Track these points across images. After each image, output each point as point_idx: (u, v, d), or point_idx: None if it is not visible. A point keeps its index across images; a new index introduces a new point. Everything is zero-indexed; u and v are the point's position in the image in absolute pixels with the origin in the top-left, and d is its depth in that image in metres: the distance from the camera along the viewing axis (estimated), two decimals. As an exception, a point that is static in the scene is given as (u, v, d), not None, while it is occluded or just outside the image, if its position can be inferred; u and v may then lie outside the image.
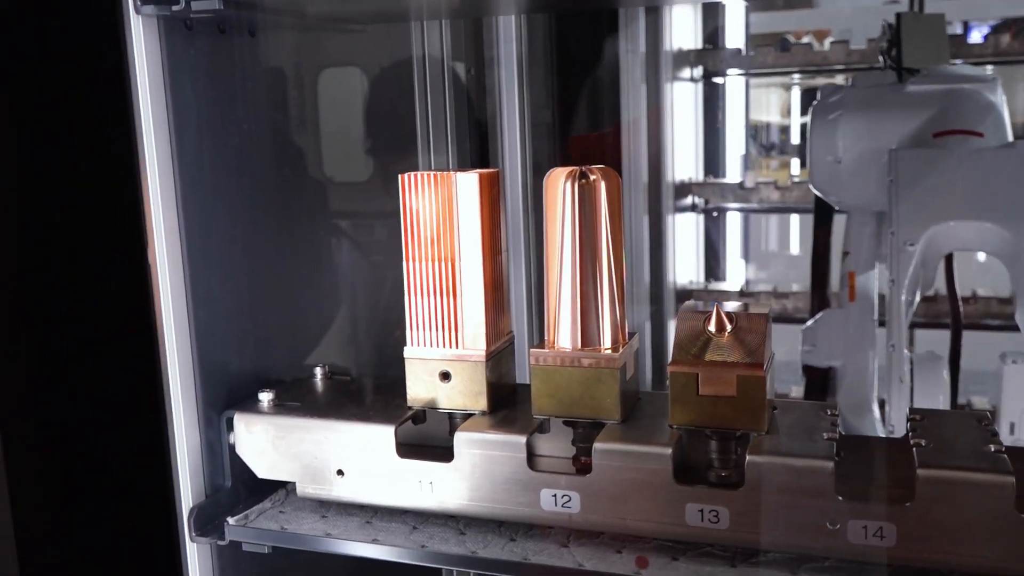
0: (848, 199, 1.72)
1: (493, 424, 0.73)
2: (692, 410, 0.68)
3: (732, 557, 0.67)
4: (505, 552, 0.70)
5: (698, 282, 2.50)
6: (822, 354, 1.79)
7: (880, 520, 0.62)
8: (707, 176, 2.52)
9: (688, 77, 2.42)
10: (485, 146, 1.46)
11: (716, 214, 2.58)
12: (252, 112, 0.84)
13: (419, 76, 1.12)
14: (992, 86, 1.62)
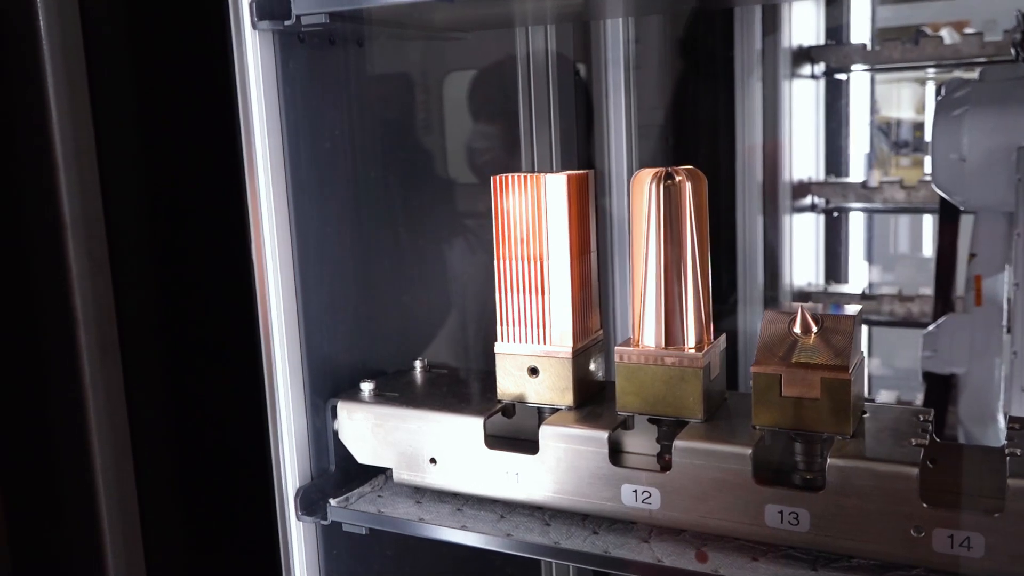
0: (973, 199, 1.65)
1: (578, 419, 0.75)
2: (775, 411, 0.69)
3: (813, 561, 0.67)
4: (587, 544, 0.72)
5: (817, 284, 2.44)
6: (944, 360, 1.72)
7: (968, 530, 0.61)
8: (828, 175, 2.45)
9: (809, 74, 2.36)
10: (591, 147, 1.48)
11: (837, 214, 2.51)
12: (361, 117, 0.89)
13: (523, 79, 1.15)
14: None
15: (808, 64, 2.36)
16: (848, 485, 0.64)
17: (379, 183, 0.92)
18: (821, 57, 2.37)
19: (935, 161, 1.61)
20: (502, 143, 1.18)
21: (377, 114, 0.94)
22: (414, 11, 0.84)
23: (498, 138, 1.18)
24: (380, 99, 0.94)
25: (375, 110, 0.93)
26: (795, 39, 2.25)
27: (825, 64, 2.38)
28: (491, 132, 1.18)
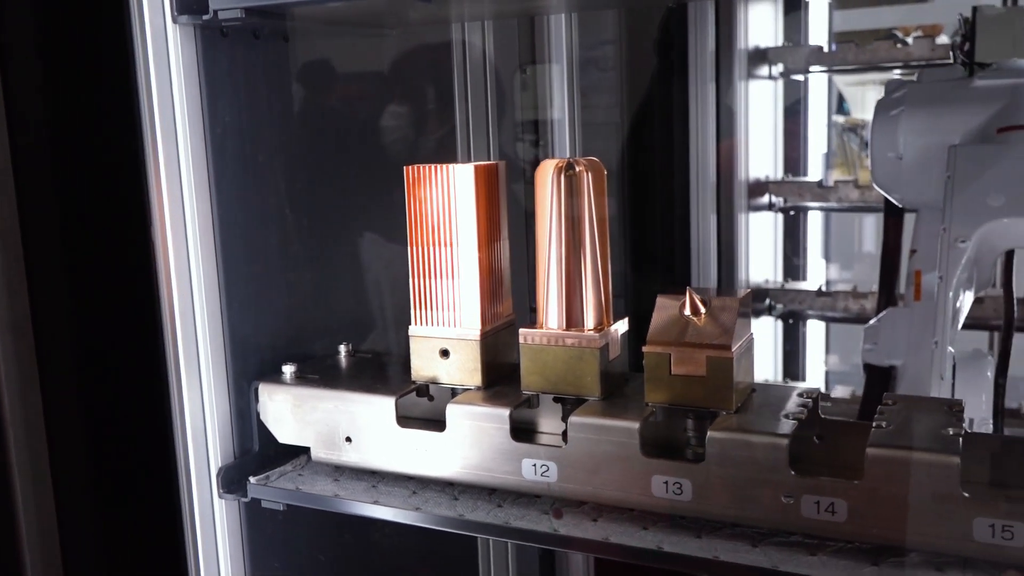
0: (910, 196, 1.70)
1: (484, 398, 0.78)
2: (665, 389, 0.72)
3: (699, 529, 0.71)
4: (490, 516, 0.76)
5: (775, 281, 2.48)
6: (883, 352, 1.77)
7: (832, 496, 0.65)
8: (786, 174, 2.50)
9: (766, 75, 2.41)
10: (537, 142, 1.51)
11: (793, 213, 2.55)
12: (287, 109, 0.92)
13: (459, 74, 1.19)
14: (1064, 79, 1.57)
15: (766, 65, 2.41)
16: (726, 456, 0.68)
17: (306, 172, 0.95)
18: (778, 58, 2.42)
19: (874, 159, 1.66)
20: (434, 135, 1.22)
21: (303, 106, 0.97)
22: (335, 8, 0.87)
23: (430, 130, 1.21)
24: (306, 92, 0.97)
25: (301, 102, 0.96)
26: (752, 40, 2.30)
27: (783, 65, 2.43)
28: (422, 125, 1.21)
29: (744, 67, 2.29)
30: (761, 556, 0.67)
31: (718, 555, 0.68)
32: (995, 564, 0.61)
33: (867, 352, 1.79)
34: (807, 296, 2.48)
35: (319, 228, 0.97)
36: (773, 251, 2.51)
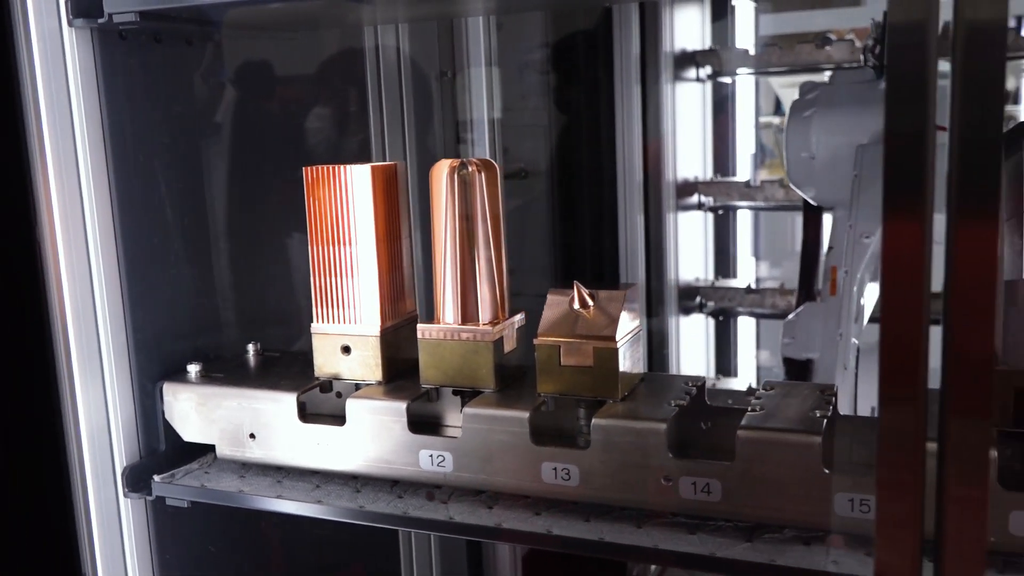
0: (823, 194, 1.76)
1: (384, 392, 0.80)
2: (556, 379, 0.75)
3: (588, 513, 0.74)
4: (390, 507, 0.77)
5: (706, 280, 2.54)
6: (800, 346, 1.82)
7: (707, 477, 0.68)
8: (715, 175, 2.56)
9: (694, 77, 2.46)
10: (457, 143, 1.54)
11: (722, 212, 2.61)
12: (191, 110, 0.93)
13: (372, 76, 1.20)
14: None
15: (694, 68, 2.46)
16: (610, 442, 0.71)
17: (214, 172, 0.96)
18: (706, 61, 2.48)
19: (789, 158, 1.72)
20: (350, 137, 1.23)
21: (206, 108, 0.98)
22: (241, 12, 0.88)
23: (343, 133, 1.23)
24: (210, 94, 0.98)
25: (205, 104, 0.97)
26: (680, 43, 2.35)
27: (710, 68, 2.49)
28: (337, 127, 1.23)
29: (671, 69, 2.34)
30: (644, 536, 0.70)
31: (603, 536, 0.70)
32: (857, 537, 0.65)
33: (786, 346, 1.84)
34: (737, 293, 2.54)
35: (227, 228, 0.98)
36: (704, 250, 2.56)
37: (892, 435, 0.42)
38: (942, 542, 0.42)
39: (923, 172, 0.40)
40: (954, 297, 0.40)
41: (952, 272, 0.40)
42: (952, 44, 0.39)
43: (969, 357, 0.41)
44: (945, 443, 0.42)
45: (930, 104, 0.40)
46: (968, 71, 0.38)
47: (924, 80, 0.39)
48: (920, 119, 0.39)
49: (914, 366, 0.41)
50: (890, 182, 0.41)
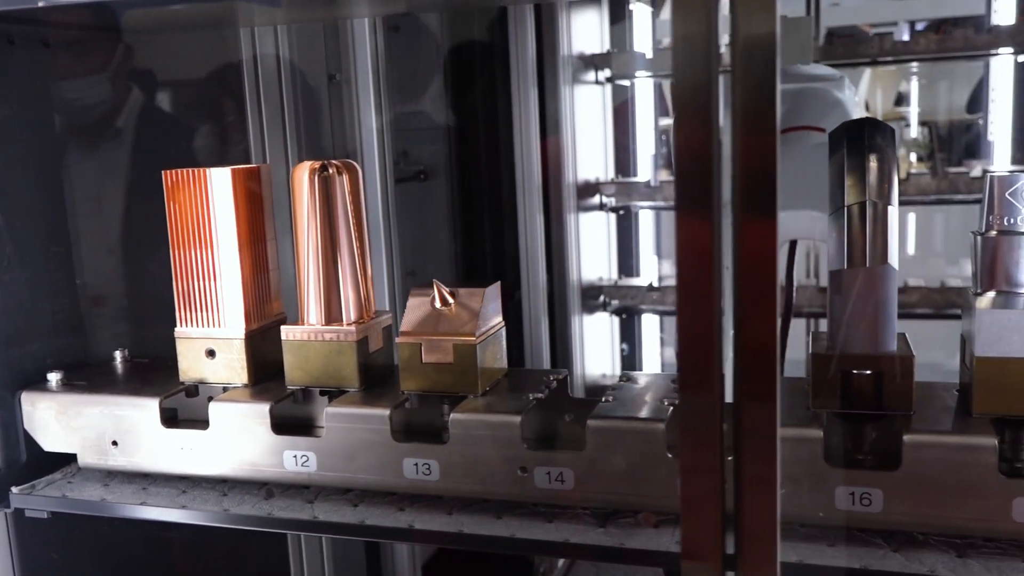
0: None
1: (248, 395, 0.80)
2: (419, 377, 0.77)
3: (451, 507, 0.75)
4: (255, 509, 0.78)
5: (609, 279, 2.58)
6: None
7: (560, 466, 0.71)
8: (616, 175, 2.60)
9: (593, 80, 2.50)
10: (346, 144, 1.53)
11: (623, 212, 2.66)
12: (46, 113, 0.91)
13: (250, 81, 1.20)
14: (839, 84, 1.71)
15: (592, 70, 2.50)
16: (468, 436, 0.73)
17: (75, 177, 0.94)
18: (604, 64, 2.52)
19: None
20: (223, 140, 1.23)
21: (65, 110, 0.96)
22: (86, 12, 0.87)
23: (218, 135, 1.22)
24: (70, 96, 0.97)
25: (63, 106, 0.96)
26: (578, 46, 2.38)
27: (609, 70, 2.53)
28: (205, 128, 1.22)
29: (569, 72, 2.37)
30: (502, 527, 0.72)
31: (463, 529, 0.72)
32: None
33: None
34: (639, 292, 2.59)
35: (90, 234, 0.97)
36: (606, 249, 2.61)
37: (690, 421, 0.45)
38: (740, 517, 0.45)
39: (709, 175, 0.42)
40: (741, 291, 0.43)
41: (738, 268, 0.43)
42: (732, 56, 0.42)
43: (755, 345, 0.44)
44: (739, 426, 0.45)
45: (712, 112, 0.43)
46: (746, 81, 0.41)
47: (707, 89, 0.42)
48: (704, 127, 0.42)
49: (708, 356, 0.44)
50: (680, 185, 0.43)
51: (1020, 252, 0.67)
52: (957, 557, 0.64)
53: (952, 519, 0.64)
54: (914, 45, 2.54)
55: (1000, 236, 0.67)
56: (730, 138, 0.42)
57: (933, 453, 0.63)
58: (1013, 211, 0.67)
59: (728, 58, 0.44)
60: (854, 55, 2.54)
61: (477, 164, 2.20)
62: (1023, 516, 0.63)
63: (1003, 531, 0.63)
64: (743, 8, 0.40)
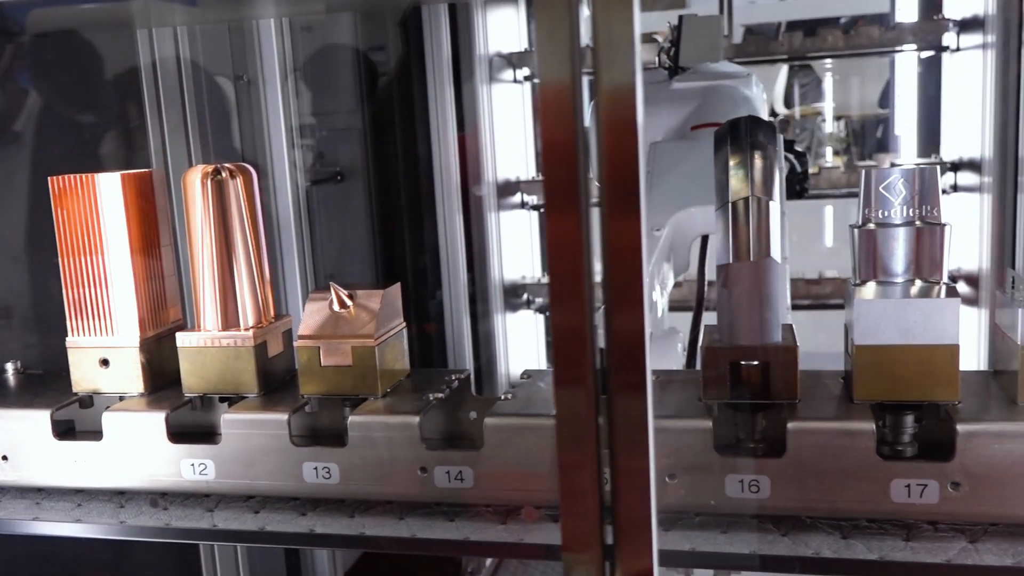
0: (623, 190, 1.83)
1: (144, 404, 0.79)
2: (318, 380, 0.76)
3: (352, 509, 0.75)
4: (153, 519, 0.76)
5: (532, 276, 2.60)
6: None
7: (459, 465, 0.71)
8: (538, 174, 2.62)
9: (512, 79, 2.51)
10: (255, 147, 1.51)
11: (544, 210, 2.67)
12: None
13: (148, 80, 1.17)
14: (747, 81, 1.75)
15: (511, 69, 2.51)
16: (367, 438, 0.73)
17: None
18: (523, 63, 2.53)
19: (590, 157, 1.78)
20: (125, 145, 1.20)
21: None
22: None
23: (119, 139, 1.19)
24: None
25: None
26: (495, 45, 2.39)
27: (528, 69, 2.54)
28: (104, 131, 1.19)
29: (487, 71, 2.38)
30: (404, 527, 0.72)
31: (364, 531, 0.72)
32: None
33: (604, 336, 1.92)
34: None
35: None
36: (529, 247, 2.62)
37: (566, 416, 0.46)
38: (615, 509, 0.46)
39: (575, 173, 0.43)
40: (609, 287, 0.44)
41: (605, 263, 0.44)
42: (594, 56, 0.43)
43: (624, 339, 0.45)
44: (611, 420, 0.46)
45: (577, 109, 0.43)
46: (607, 82, 0.42)
47: (571, 87, 0.43)
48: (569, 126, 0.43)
49: (581, 352, 0.45)
50: (548, 184, 0.44)
51: (895, 244, 0.70)
52: (842, 539, 0.66)
53: (836, 502, 0.66)
54: (822, 43, 2.61)
55: (875, 229, 0.70)
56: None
57: (815, 439, 0.65)
58: (887, 204, 0.69)
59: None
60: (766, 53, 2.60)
61: (395, 165, 2.19)
62: (901, 497, 0.65)
63: (884, 512, 0.66)
64: (602, 8, 0.41)
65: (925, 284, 0.69)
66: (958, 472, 0.64)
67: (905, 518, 0.66)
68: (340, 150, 2.15)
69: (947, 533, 0.66)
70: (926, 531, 0.66)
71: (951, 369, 0.66)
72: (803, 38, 2.60)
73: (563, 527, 0.47)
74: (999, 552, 0.64)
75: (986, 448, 0.63)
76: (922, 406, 0.68)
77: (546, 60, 0.42)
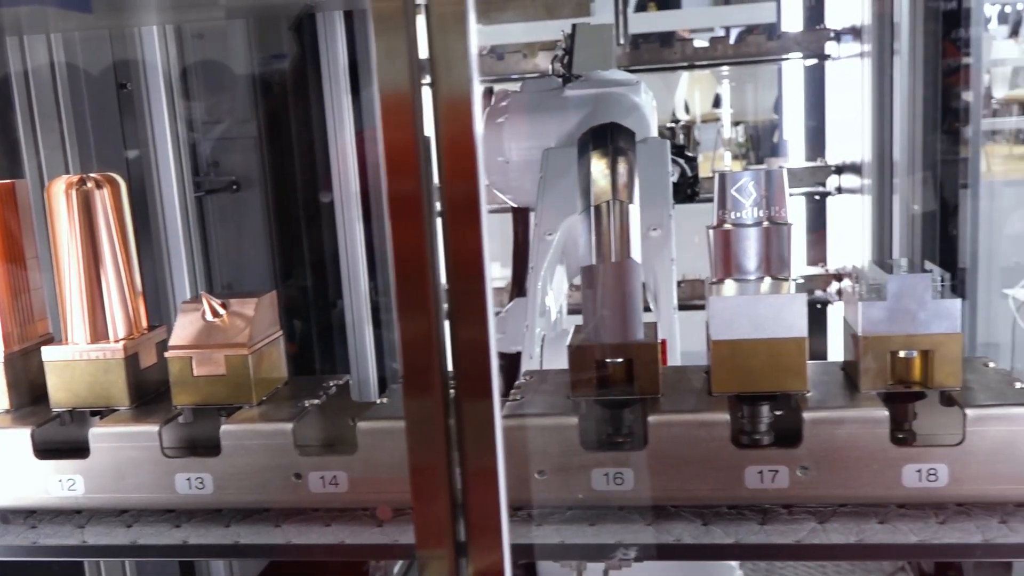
0: (519, 196, 1.86)
1: (9, 420, 0.77)
2: (191, 390, 0.76)
3: (228, 519, 0.75)
4: (20, 539, 0.74)
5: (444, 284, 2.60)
6: (510, 340, 1.92)
7: (334, 470, 0.72)
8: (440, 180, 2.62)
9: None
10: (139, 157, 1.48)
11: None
12: None
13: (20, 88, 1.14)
14: (636, 89, 1.80)
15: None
16: (240, 447, 0.72)
17: None
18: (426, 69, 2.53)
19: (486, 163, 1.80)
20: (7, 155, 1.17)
21: None
22: None
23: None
24: None
25: None
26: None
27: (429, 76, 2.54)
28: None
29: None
30: (280, 534, 0.72)
31: (240, 539, 0.72)
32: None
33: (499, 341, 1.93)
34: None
35: None
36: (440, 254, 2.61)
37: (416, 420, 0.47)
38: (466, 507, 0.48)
39: (418, 180, 0.45)
40: (453, 292, 0.46)
41: (448, 270, 0.46)
42: (431, 68, 0.44)
43: (469, 344, 0.46)
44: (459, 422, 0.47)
45: (417, 119, 0.45)
46: (444, 94, 0.44)
47: (410, 99, 0.44)
48: (408, 134, 0.44)
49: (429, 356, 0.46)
50: (390, 192, 0.46)
51: (747, 243, 0.73)
52: (703, 525, 0.69)
53: (696, 490, 0.70)
54: (713, 51, 2.70)
55: (728, 229, 0.73)
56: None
57: (674, 431, 0.68)
58: (738, 206, 0.73)
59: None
60: (660, 60, 2.68)
61: (292, 172, 2.17)
62: (755, 483, 0.69)
63: (740, 497, 0.69)
64: (437, 23, 0.43)
65: (775, 281, 0.73)
66: (806, 457, 0.68)
67: (761, 503, 0.70)
68: (235, 159, 2.12)
69: (800, 515, 0.70)
70: (781, 515, 0.70)
71: (799, 360, 0.70)
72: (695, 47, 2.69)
73: (416, 526, 0.49)
74: (845, 531, 0.68)
75: (830, 433, 0.67)
76: (776, 397, 0.72)
77: (384, 73, 0.43)
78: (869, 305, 0.69)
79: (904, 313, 0.69)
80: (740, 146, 4.82)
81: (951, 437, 0.67)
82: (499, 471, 0.47)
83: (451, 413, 0.48)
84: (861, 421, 0.67)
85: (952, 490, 0.67)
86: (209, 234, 2.03)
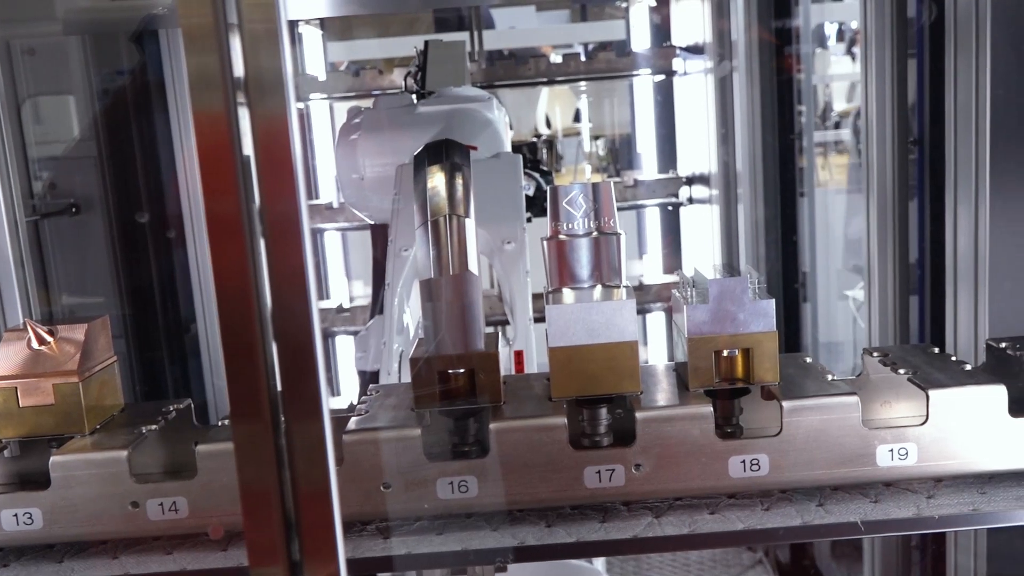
0: (374, 213, 1.86)
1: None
2: (16, 423, 0.72)
3: (62, 554, 0.72)
4: None
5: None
6: (371, 359, 1.91)
7: (172, 496, 0.70)
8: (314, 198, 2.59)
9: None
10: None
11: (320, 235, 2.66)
12: None
13: None
14: (488, 105, 1.83)
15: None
16: (71, 478, 0.70)
17: None
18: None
19: (341, 180, 1.80)
20: None
21: None
22: None
23: None
24: None
25: None
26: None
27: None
28: None
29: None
30: (118, 566, 0.70)
31: (73, 574, 0.69)
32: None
33: (359, 360, 1.92)
34: (330, 314, 2.60)
35: None
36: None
37: (243, 442, 0.47)
38: (299, 526, 0.48)
39: (236, 200, 0.45)
40: (276, 311, 0.46)
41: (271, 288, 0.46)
42: (244, 88, 0.44)
43: (293, 364, 0.47)
44: (289, 444, 0.47)
45: (234, 140, 0.45)
46: (260, 114, 0.44)
47: (226, 120, 0.44)
48: (226, 154, 0.45)
49: (255, 377, 0.46)
50: (208, 213, 0.46)
51: (579, 252, 0.77)
52: (546, 527, 0.72)
53: (539, 493, 0.72)
54: (566, 67, 2.78)
55: (562, 240, 0.76)
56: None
57: (515, 437, 0.70)
58: (570, 217, 0.76)
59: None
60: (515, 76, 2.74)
61: (137, 193, 2.10)
62: (594, 482, 0.71)
63: (580, 497, 0.72)
64: (250, 43, 0.43)
65: (606, 288, 0.76)
66: (640, 455, 0.71)
67: (601, 502, 0.73)
68: (74, 180, 2.03)
69: (638, 511, 0.73)
70: (621, 512, 0.73)
71: (632, 363, 0.73)
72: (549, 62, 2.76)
73: (248, 546, 0.49)
74: (679, 524, 0.71)
75: (660, 431, 0.71)
76: (612, 399, 0.75)
77: (198, 94, 0.43)
78: (694, 308, 0.73)
79: (725, 314, 0.73)
80: (601, 159, 4.97)
81: (771, 429, 0.72)
82: (332, 489, 0.47)
83: (280, 434, 0.48)
84: (688, 418, 0.71)
85: (774, 478, 0.72)
86: (48, 260, 1.93)
